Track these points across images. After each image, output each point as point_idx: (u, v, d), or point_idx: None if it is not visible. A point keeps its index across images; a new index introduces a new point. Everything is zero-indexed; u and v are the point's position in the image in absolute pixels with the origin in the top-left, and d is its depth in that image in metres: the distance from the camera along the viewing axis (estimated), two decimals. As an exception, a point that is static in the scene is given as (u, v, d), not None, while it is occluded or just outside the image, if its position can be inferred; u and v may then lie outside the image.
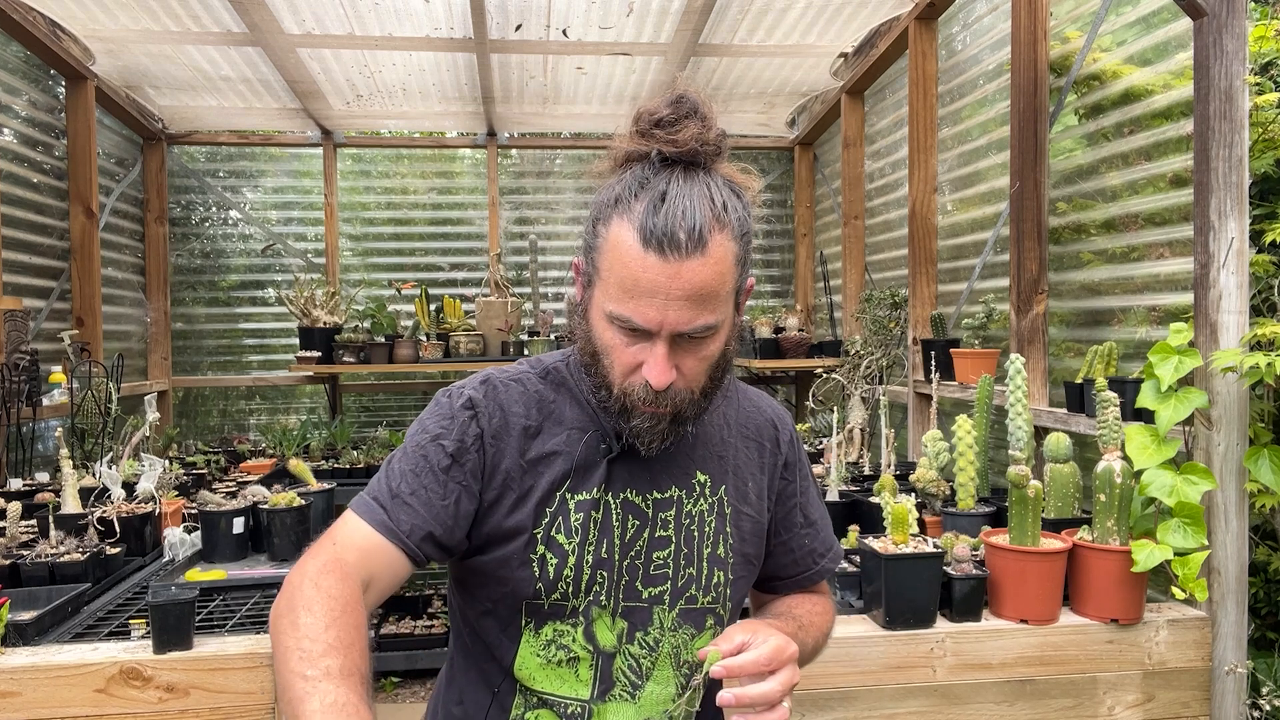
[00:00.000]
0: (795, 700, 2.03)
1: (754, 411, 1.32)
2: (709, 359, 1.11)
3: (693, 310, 1.04)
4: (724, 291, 1.07)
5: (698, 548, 1.22)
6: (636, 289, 1.04)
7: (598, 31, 3.92)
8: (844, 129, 4.56)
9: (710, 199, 1.05)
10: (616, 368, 1.11)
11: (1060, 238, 2.97)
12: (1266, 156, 2.28)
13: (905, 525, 2.16)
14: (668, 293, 1.03)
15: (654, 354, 1.07)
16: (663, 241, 1.02)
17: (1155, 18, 2.55)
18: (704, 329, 1.07)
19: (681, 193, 1.04)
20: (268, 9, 3.55)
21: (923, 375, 3.43)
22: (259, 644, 1.94)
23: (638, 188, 1.06)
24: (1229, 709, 2.11)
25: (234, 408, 5.37)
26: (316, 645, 0.95)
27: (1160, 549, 2.02)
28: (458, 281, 5.44)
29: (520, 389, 1.22)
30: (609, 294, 1.08)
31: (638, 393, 1.10)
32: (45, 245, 3.92)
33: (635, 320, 1.05)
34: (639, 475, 1.20)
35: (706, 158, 1.08)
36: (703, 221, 1.03)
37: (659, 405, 1.10)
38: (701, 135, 1.06)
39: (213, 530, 2.65)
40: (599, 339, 1.12)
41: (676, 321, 1.05)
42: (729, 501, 1.25)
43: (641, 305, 1.04)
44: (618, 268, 1.05)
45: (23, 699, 1.82)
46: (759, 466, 1.29)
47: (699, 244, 1.03)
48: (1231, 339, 2.10)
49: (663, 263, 1.02)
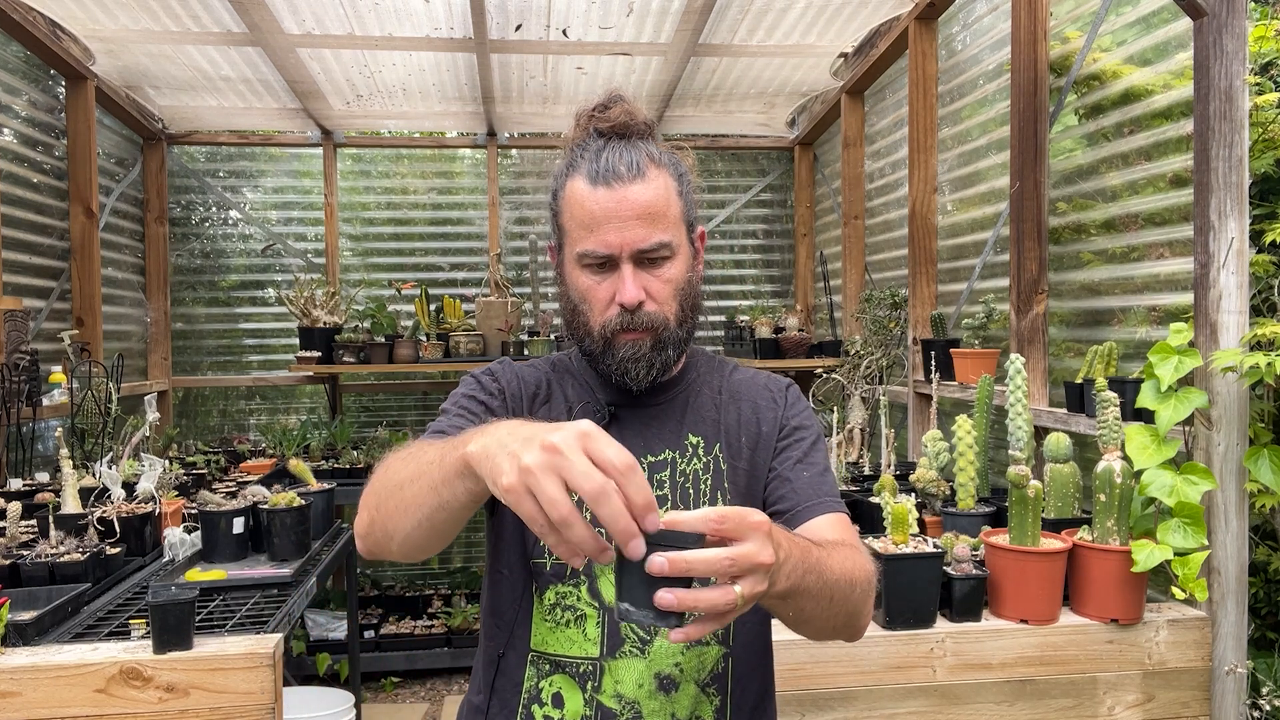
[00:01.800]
0: (794, 700, 2.02)
1: (748, 380, 1.38)
2: (673, 281, 1.22)
3: (645, 228, 1.18)
4: (670, 214, 1.21)
5: (693, 504, 1.24)
6: (593, 221, 1.18)
7: (598, 31, 3.92)
8: (844, 129, 4.56)
9: (644, 149, 1.22)
10: (594, 307, 1.22)
11: (1060, 238, 2.97)
12: (1266, 156, 2.28)
13: (905, 525, 2.16)
14: (619, 215, 1.17)
15: (621, 277, 1.19)
16: (607, 175, 1.18)
17: (1155, 18, 2.55)
18: (659, 245, 1.19)
19: (618, 146, 1.21)
20: (268, 9, 3.55)
21: (923, 375, 3.43)
22: (259, 644, 1.94)
23: (581, 152, 1.23)
24: (1229, 709, 2.11)
25: (234, 408, 5.37)
26: (421, 454, 1.03)
27: (1160, 549, 2.02)
28: (458, 281, 5.44)
29: (531, 369, 1.36)
30: (574, 239, 1.22)
31: (615, 322, 1.21)
32: (45, 245, 3.92)
33: (598, 249, 1.19)
34: (632, 440, 1.25)
35: (636, 132, 1.23)
36: (638, 158, 1.20)
37: (636, 327, 1.21)
38: (629, 111, 1.23)
39: (213, 530, 2.65)
40: (575, 289, 1.24)
41: (634, 240, 1.18)
42: (724, 459, 1.29)
43: (601, 234, 1.18)
44: (575, 211, 1.21)
45: (23, 699, 1.82)
46: (754, 423, 1.33)
47: (638, 172, 1.19)
48: (1231, 339, 2.10)
49: (609, 192, 1.18)
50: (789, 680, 2.00)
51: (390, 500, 1.04)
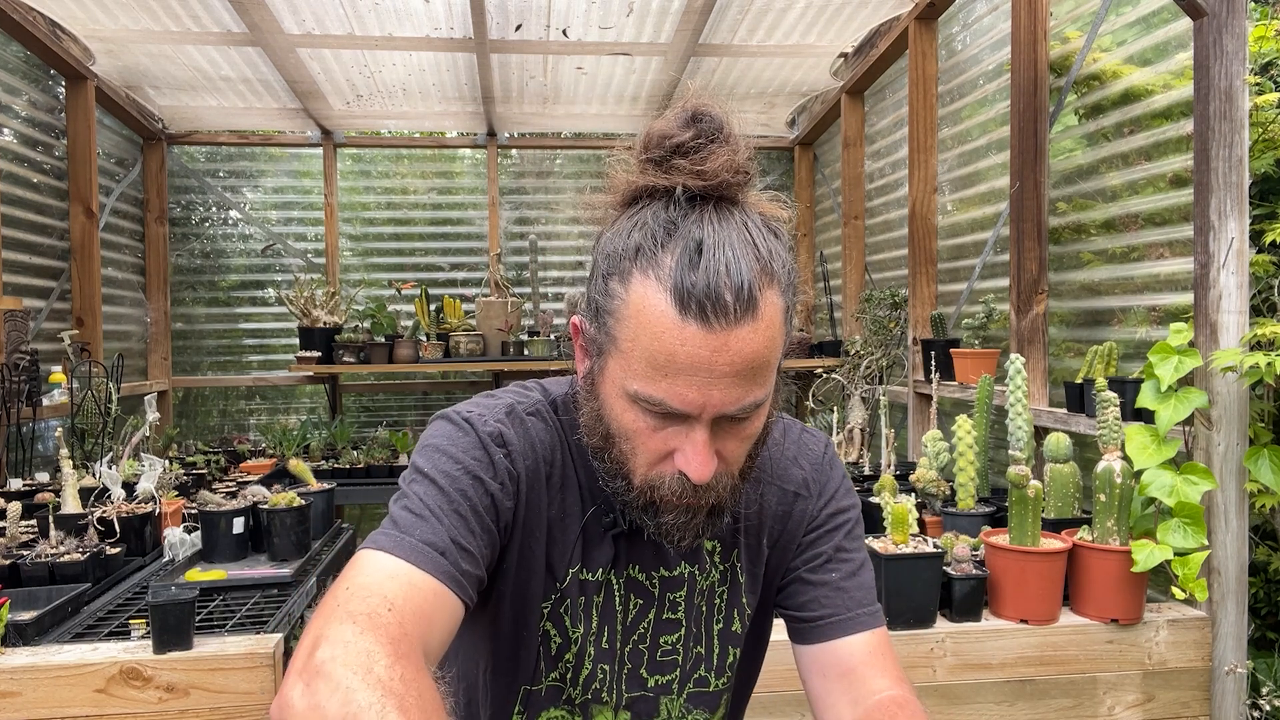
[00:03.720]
0: (794, 700, 2.03)
1: (776, 449, 1.10)
2: (752, 437, 0.93)
3: (741, 388, 0.85)
4: (774, 360, 0.88)
5: (707, 625, 1.08)
6: (672, 366, 0.84)
7: (598, 31, 3.92)
8: (844, 129, 4.56)
9: (754, 245, 0.85)
10: (640, 456, 0.92)
11: (1060, 238, 2.97)
12: (1266, 156, 2.28)
13: (905, 525, 2.16)
14: (711, 369, 0.84)
15: (693, 441, 0.88)
16: (705, 306, 0.82)
17: (1155, 18, 2.55)
18: (752, 406, 0.88)
19: (720, 240, 0.84)
20: (268, 9, 3.55)
21: (923, 375, 3.43)
22: (259, 644, 1.94)
23: (663, 235, 0.85)
24: (1229, 709, 2.11)
25: (234, 408, 5.37)
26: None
27: (1160, 549, 2.02)
28: (458, 281, 5.44)
29: (544, 428, 1.03)
30: (633, 370, 0.87)
31: (669, 485, 0.91)
32: (45, 245, 3.92)
33: (671, 404, 0.86)
34: (644, 550, 1.04)
35: (739, 190, 0.89)
36: (750, 277, 0.83)
37: (697, 498, 0.91)
38: (733, 162, 0.86)
39: (213, 530, 2.65)
40: (616, 422, 0.92)
41: (722, 402, 0.86)
42: (742, 567, 1.08)
43: (679, 385, 0.85)
44: (646, 339, 0.85)
45: (23, 699, 1.82)
46: (779, 516, 1.10)
47: (749, 307, 0.83)
48: (1231, 339, 2.10)
49: (706, 334, 0.82)
50: (788, 680, 1.99)
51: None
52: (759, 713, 2.00)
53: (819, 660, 1.05)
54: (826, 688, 1.03)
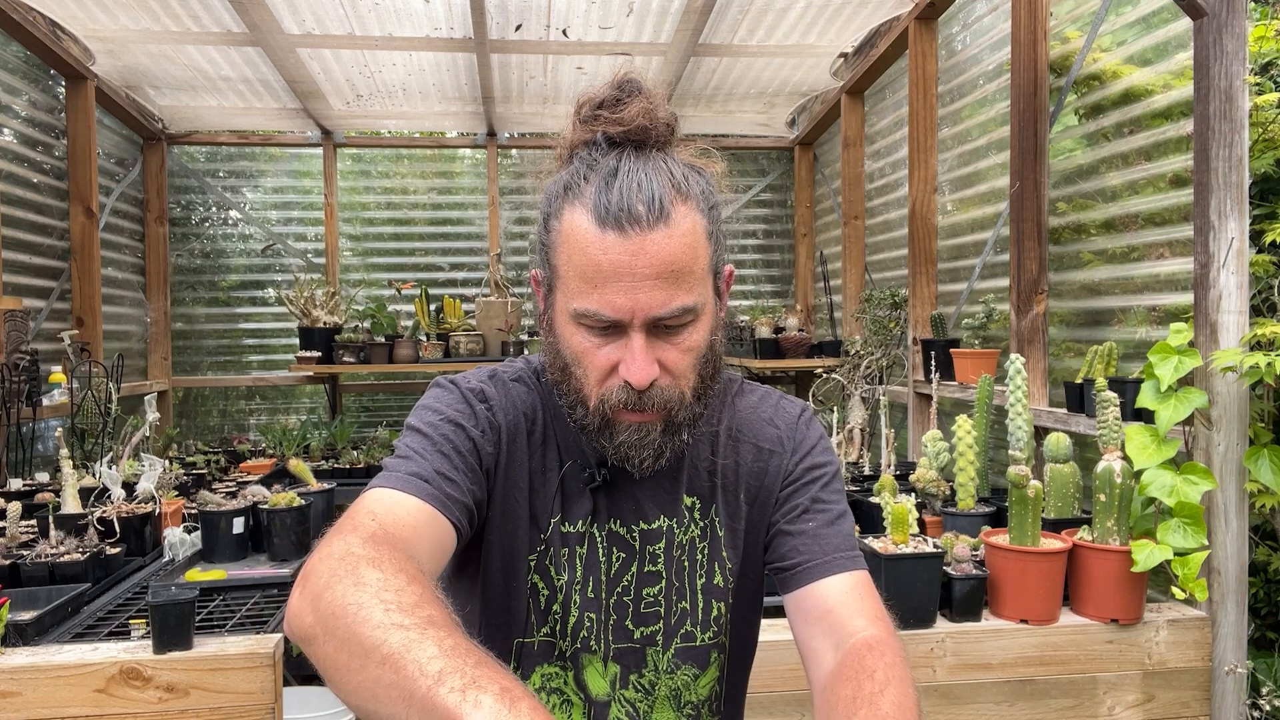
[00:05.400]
0: (793, 700, 2.03)
1: (753, 411, 1.16)
2: (694, 350, 0.98)
3: (665, 290, 0.93)
4: (698, 268, 0.96)
5: (691, 580, 1.11)
6: (599, 275, 0.92)
7: (598, 31, 3.92)
8: (844, 129, 4.56)
9: (669, 173, 0.95)
10: (590, 374, 0.98)
11: (1060, 238, 2.97)
12: (1266, 156, 2.28)
13: (905, 525, 2.16)
14: (634, 273, 0.91)
15: (630, 348, 0.95)
16: (620, 216, 0.91)
17: (1155, 18, 2.55)
18: (681, 311, 0.94)
19: (634, 167, 0.94)
20: (268, 9, 3.55)
21: (923, 375, 3.43)
22: (259, 644, 1.94)
23: (586, 170, 0.96)
24: (1229, 709, 2.11)
25: (234, 408, 5.37)
26: (405, 596, 0.75)
27: (1160, 549, 2.02)
28: (458, 281, 5.44)
29: (524, 390, 1.10)
30: (571, 290, 0.96)
31: (616, 397, 0.97)
32: (45, 245, 3.92)
33: (603, 312, 0.93)
34: (624, 504, 1.09)
35: (657, 137, 0.98)
36: (662, 192, 0.93)
37: (644, 409, 0.97)
38: (649, 111, 0.97)
39: (213, 530, 2.65)
40: (567, 347, 0.99)
41: (649, 305, 0.93)
42: (721, 522, 1.12)
43: (608, 293, 0.92)
44: (576, 257, 0.94)
45: (23, 699, 1.82)
46: (755, 473, 1.14)
47: (661, 214, 0.92)
48: (1231, 339, 2.10)
49: (623, 240, 0.91)
50: (787, 680, 2.00)
51: (353, 661, 0.74)
52: (759, 713, 2.00)
53: (801, 606, 1.07)
54: (809, 632, 1.05)
